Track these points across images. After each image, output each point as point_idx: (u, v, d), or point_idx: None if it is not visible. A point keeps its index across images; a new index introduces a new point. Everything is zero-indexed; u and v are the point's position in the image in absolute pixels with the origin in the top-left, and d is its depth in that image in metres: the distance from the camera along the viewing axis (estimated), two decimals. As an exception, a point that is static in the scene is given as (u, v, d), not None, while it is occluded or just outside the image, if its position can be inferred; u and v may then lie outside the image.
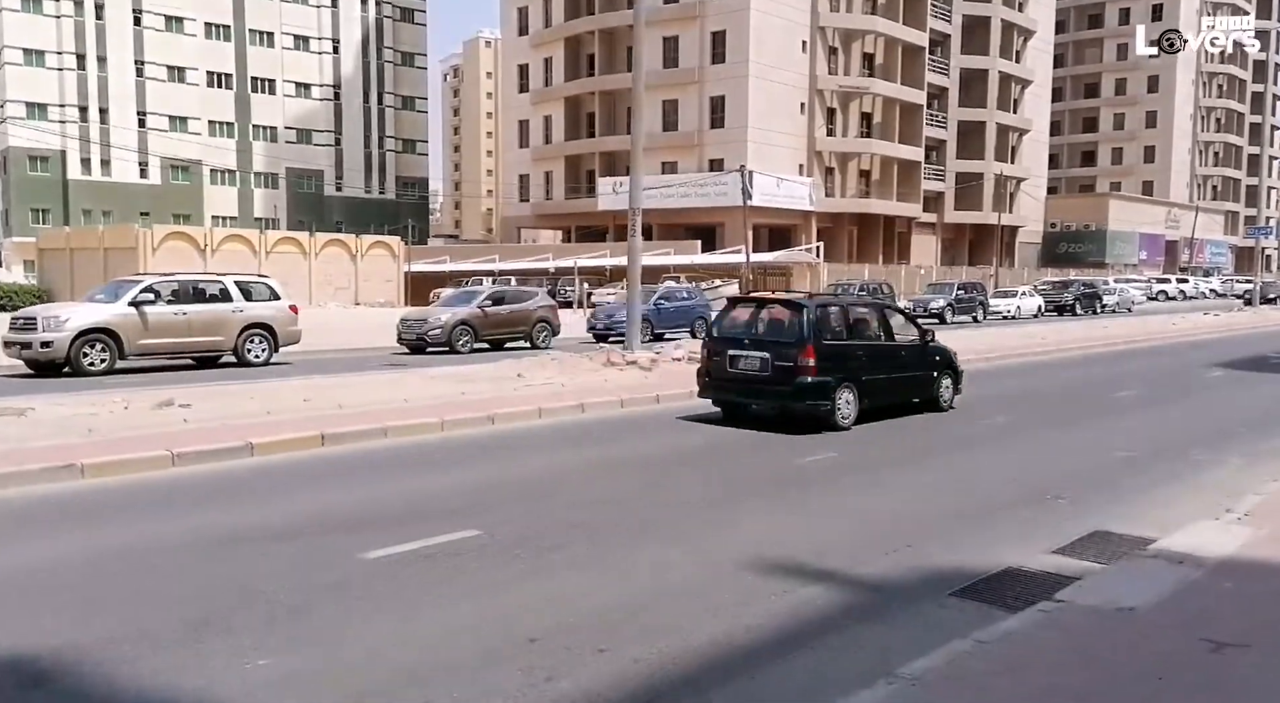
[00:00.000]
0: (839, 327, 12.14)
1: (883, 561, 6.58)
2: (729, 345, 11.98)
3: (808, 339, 11.36)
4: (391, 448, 9.92)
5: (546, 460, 9.82)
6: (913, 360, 13.09)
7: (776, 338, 11.75)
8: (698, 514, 7.73)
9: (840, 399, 11.50)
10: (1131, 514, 8.10)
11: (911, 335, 13.33)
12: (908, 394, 13.01)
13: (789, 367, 11.31)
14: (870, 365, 12.20)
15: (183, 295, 18.34)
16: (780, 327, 11.96)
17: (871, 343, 12.56)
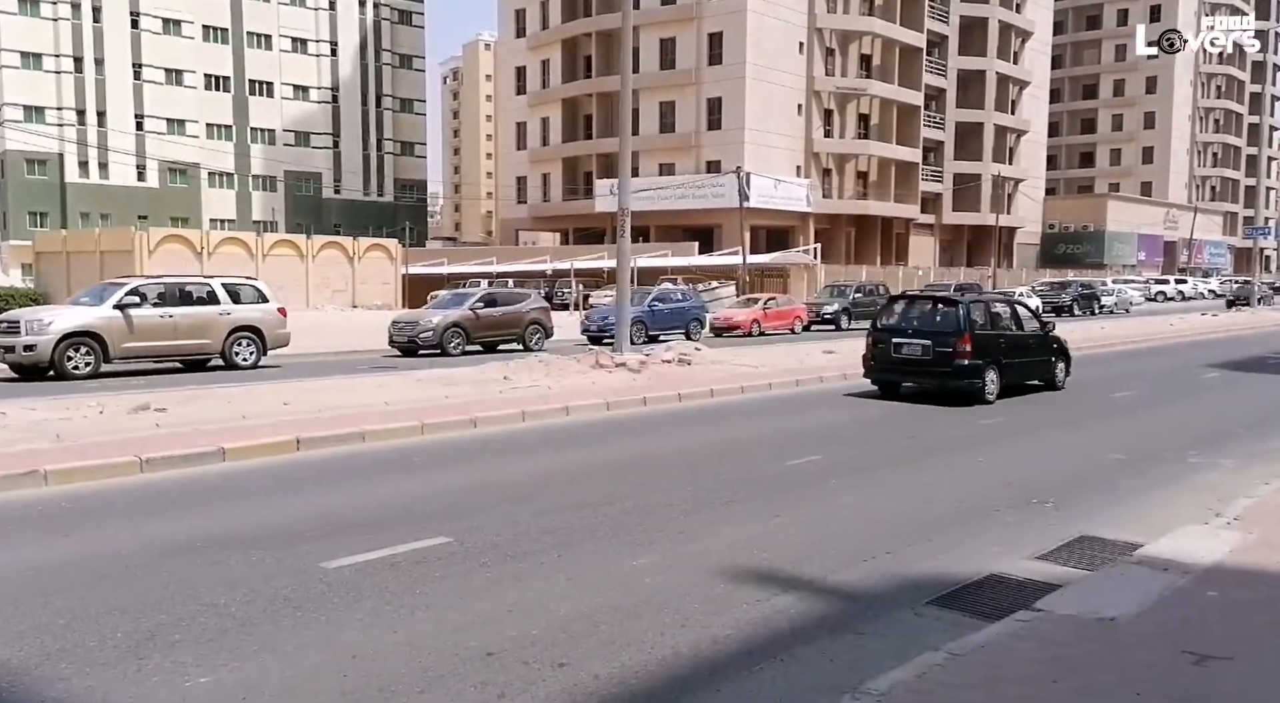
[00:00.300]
0: (984, 319, 14.65)
1: (860, 566, 6.41)
2: (893, 335, 14.69)
3: (965, 330, 13.96)
4: (369, 452, 9.74)
5: (526, 465, 9.65)
6: (1036, 347, 15.65)
7: (937, 328, 14.33)
8: (676, 520, 7.56)
9: (987, 378, 14.07)
10: (1120, 518, 7.94)
11: (1035, 327, 15.95)
12: (1033, 375, 15.64)
13: (948, 352, 13.89)
14: (1007, 351, 14.70)
15: (169, 298, 18.19)
16: (939, 319, 14.58)
17: (1008, 332, 15.08)
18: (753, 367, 17.27)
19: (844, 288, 37.94)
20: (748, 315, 31.69)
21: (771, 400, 14.66)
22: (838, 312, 34.91)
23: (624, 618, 5.40)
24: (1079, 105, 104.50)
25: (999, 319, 15.15)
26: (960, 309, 14.38)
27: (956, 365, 13.86)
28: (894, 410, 13.85)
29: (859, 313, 35.96)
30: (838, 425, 12.62)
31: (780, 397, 15.06)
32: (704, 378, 15.71)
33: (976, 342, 13.90)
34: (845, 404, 14.51)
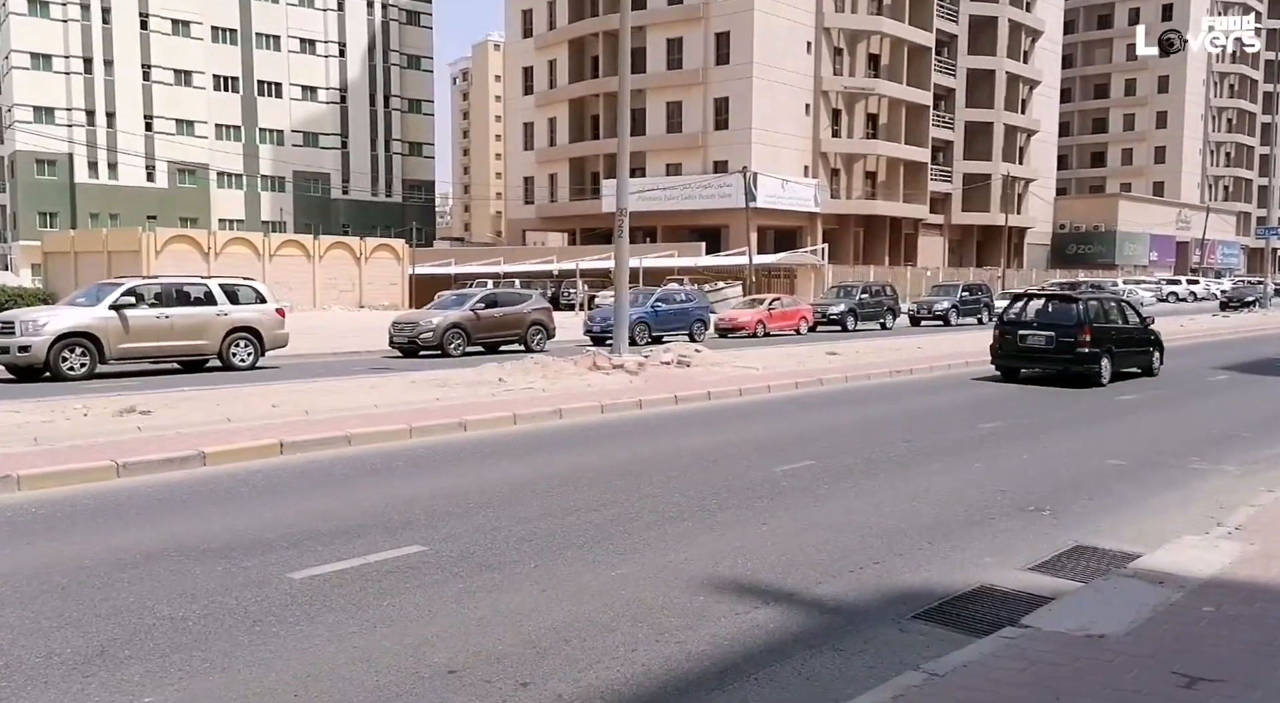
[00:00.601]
0: (1097, 314, 16.99)
1: (846, 577, 6.22)
2: (1018, 327, 17.28)
3: (1085, 323, 16.42)
4: (353, 457, 9.58)
5: (513, 469, 9.47)
6: (1138, 338, 18.04)
7: (1059, 322, 16.82)
8: (661, 528, 7.37)
9: (1102, 364, 16.46)
10: (1118, 527, 7.73)
11: (1136, 321, 18.25)
12: (1136, 363, 17.97)
13: (1070, 341, 16.34)
14: (1116, 341, 17.12)
15: (165, 299, 18.09)
16: (1061, 313, 17.07)
17: (1117, 325, 17.48)
18: (752, 369, 17.06)
19: (850, 289, 37.67)
20: (752, 316, 31.47)
21: (769, 403, 14.46)
22: (844, 313, 34.65)
23: (597, 632, 5.23)
24: (1090, 104, 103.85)
25: (1110, 314, 17.55)
26: (1080, 305, 16.87)
27: (1078, 353, 16.29)
28: (895, 410, 13.67)
29: (865, 314, 35.77)
30: (836, 428, 12.42)
31: (778, 400, 14.85)
32: (702, 380, 15.51)
33: (1094, 333, 16.40)
34: (844, 406, 14.32)
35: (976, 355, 21.17)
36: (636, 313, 28.07)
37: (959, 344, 24.82)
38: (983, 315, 40.22)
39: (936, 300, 39.96)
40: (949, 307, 38.90)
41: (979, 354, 21.34)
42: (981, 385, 17.09)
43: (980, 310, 40.33)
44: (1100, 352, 16.45)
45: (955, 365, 19.85)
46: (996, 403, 14.74)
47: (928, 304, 39.76)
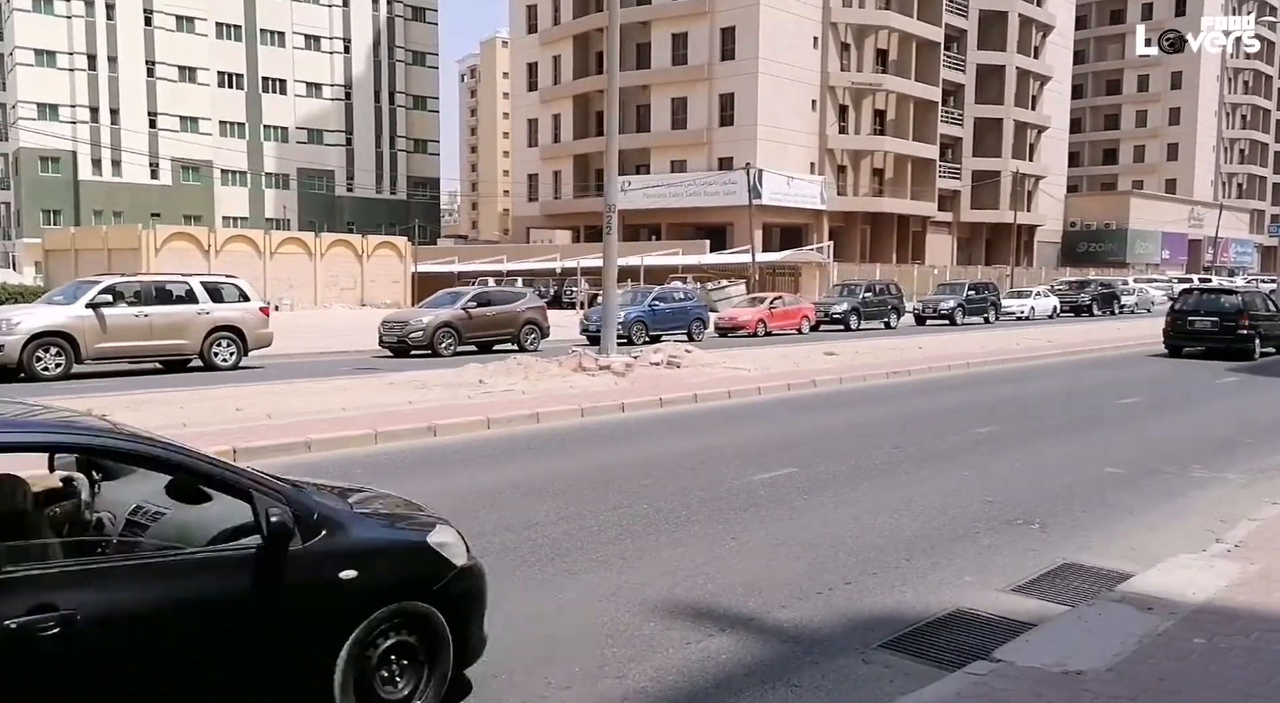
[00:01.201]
0: (1250, 305, 21.90)
1: (813, 600, 5.77)
2: (1188, 314, 22.15)
3: (1244, 311, 21.41)
4: (310, 464, 9.11)
5: (477, 478, 9.03)
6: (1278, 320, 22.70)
7: (1223, 310, 21.62)
8: (623, 543, 6.94)
9: (1254, 343, 21.23)
10: (1110, 542, 7.26)
11: (1275, 310, 22.78)
12: (1274, 343, 22.25)
13: (1232, 326, 21.21)
14: (1265, 325, 21.81)
15: (145, 297, 17.70)
16: (1225, 304, 21.89)
17: (1264, 313, 22.24)
18: (744, 370, 16.60)
19: (854, 287, 37.14)
20: (753, 315, 31.00)
21: (758, 406, 13.99)
22: (847, 311, 34.14)
23: (530, 666, 4.80)
24: (1102, 101, 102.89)
25: (1261, 303, 22.55)
26: (1240, 297, 22.29)
27: (1238, 335, 21.11)
28: (889, 413, 13.20)
29: (869, 313, 35.26)
30: (824, 433, 11.95)
31: (768, 402, 14.39)
32: (691, 381, 15.06)
33: (1250, 319, 21.33)
34: (836, 409, 13.86)
35: (978, 356, 20.68)
36: (634, 312, 27.71)
37: (962, 344, 24.32)
38: (989, 314, 39.69)
39: (942, 299, 39.39)
40: (954, 306, 38.34)
41: (980, 355, 20.87)
42: (981, 388, 16.62)
43: (987, 309, 39.79)
44: (1254, 333, 21.25)
45: (955, 366, 19.35)
46: (991, 407, 14.25)
47: (933, 303, 39.21)
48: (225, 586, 3.51)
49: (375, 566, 3.90)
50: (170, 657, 3.39)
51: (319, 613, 3.73)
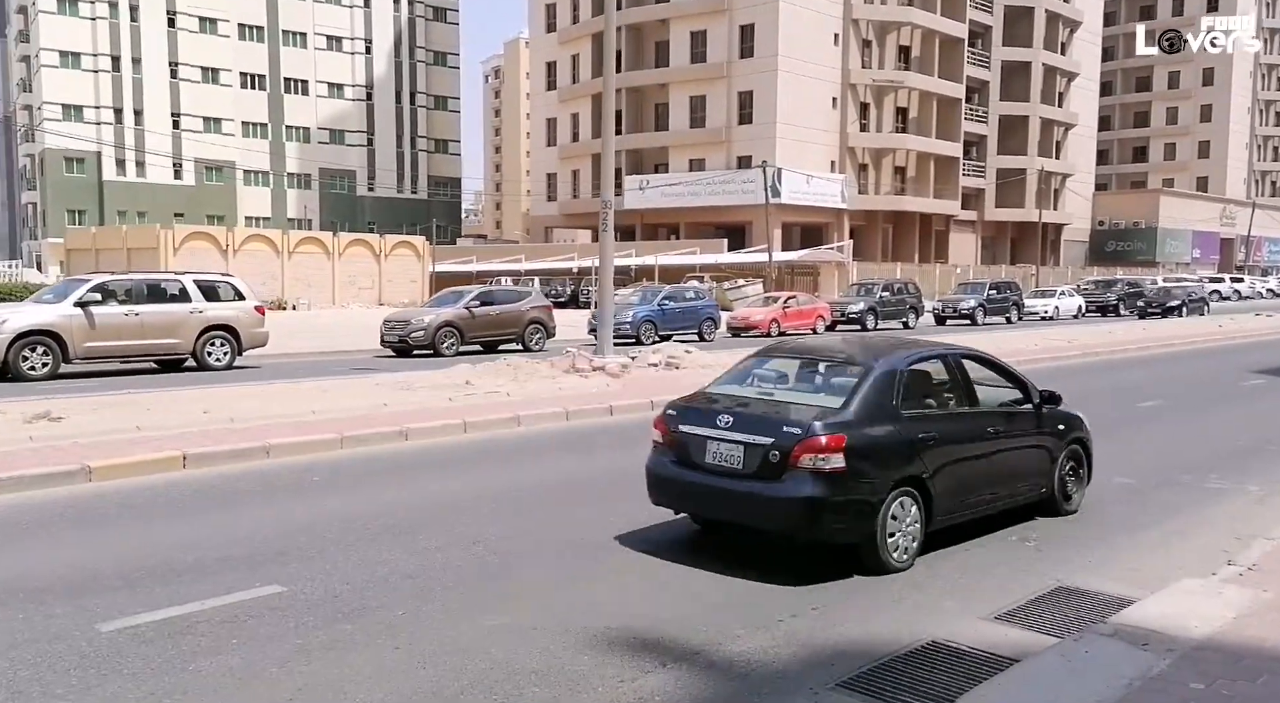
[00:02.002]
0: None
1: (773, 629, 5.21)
2: None
3: None
4: (264, 472, 8.68)
5: (439, 487, 8.53)
6: None
7: None
8: (574, 562, 6.42)
9: None
10: (1111, 561, 6.67)
11: None
12: None
13: None
14: None
15: (136, 295, 17.34)
16: None
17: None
18: (746, 371, 16.01)
19: (870, 286, 36.38)
20: (766, 315, 30.37)
21: (755, 410, 13.42)
22: (863, 311, 33.41)
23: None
24: (1131, 98, 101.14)
25: None
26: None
27: None
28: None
29: (886, 313, 34.52)
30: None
31: (767, 405, 13.81)
32: (686, 384, 14.43)
33: None
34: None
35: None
36: (643, 311, 27.21)
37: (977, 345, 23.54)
38: (1011, 314, 38.82)
39: (962, 299, 38.55)
40: (975, 305, 37.50)
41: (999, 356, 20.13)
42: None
43: (1009, 309, 38.92)
44: None
45: (968, 368, 18.65)
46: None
47: (953, 303, 38.39)
48: (1024, 424, 7.45)
49: (1064, 423, 7.82)
50: (1014, 455, 7.30)
51: (1051, 442, 7.62)
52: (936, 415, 6.84)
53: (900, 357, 6.79)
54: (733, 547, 6.80)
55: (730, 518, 6.56)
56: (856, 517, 6.06)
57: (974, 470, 6.85)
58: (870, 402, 6.27)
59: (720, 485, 6.23)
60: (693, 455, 6.38)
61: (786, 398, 6.65)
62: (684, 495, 6.64)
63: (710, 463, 6.27)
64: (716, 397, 6.81)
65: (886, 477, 6.15)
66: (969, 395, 7.16)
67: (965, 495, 6.79)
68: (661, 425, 6.70)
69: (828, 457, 5.89)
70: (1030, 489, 7.47)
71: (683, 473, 6.44)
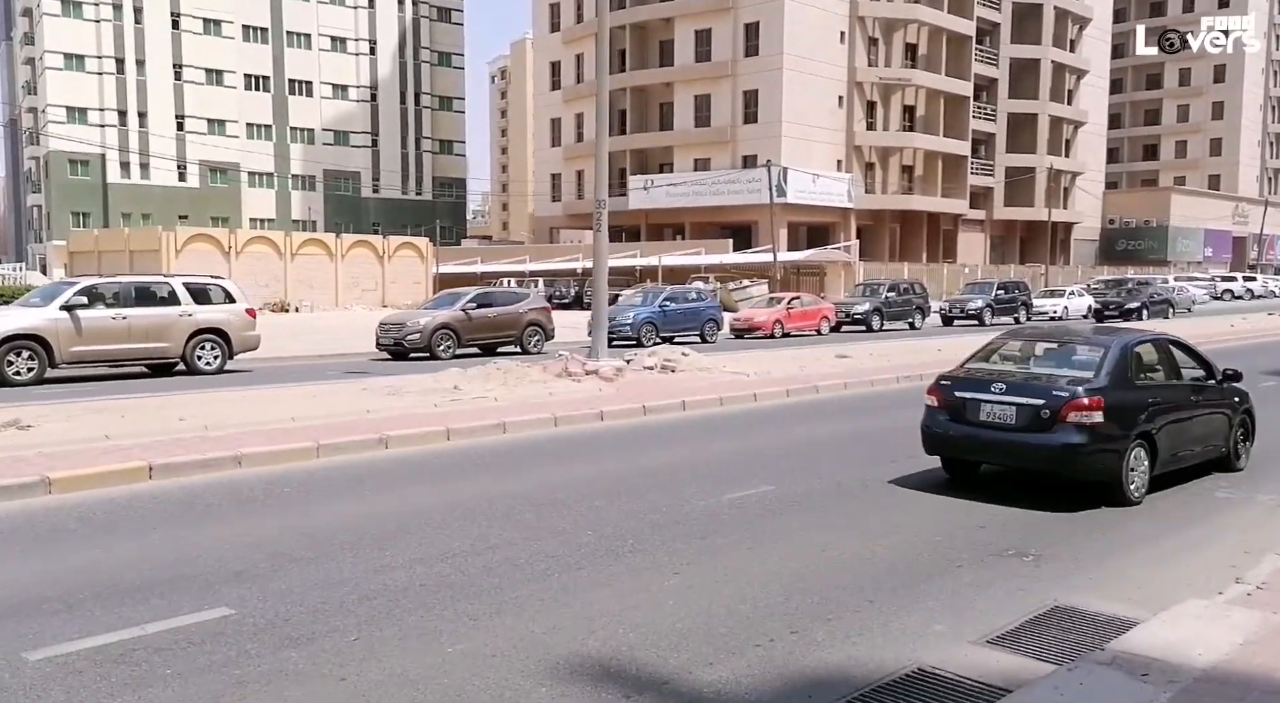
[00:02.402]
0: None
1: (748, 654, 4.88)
2: None
3: None
4: (233, 482, 8.37)
5: (414, 498, 8.20)
6: None
7: None
8: (546, 579, 6.09)
9: None
10: (1114, 578, 6.32)
11: None
12: None
13: None
14: None
15: (124, 298, 17.08)
16: None
17: None
18: (743, 375, 15.69)
19: (876, 286, 35.99)
20: (769, 316, 30.03)
21: (750, 414, 13.08)
22: (868, 312, 33.03)
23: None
24: (1142, 96, 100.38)
25: None
26: None
27: None
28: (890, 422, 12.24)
29: (892, 313, 34.14)
30: (814, 445, 11.03)
31: (763, 410, 13.47)
32: (682, 388, 14.18)
33: None
34: (834, 418, 12.92)
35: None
36: (643, 313, 26.92)
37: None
38: (1020, 314, 38.34)
39: (970, 299, 38.12)
40: (983, 305, 37.05)
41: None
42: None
43: (1017, 309, 38.46)
44: None
45: (972, 370, 18.27)
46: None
47: (960, 303, 37.96)
48: (1212, 396, 9.04)
49: (1238, 396, 9.43)
50: (1205, 420, 8.97)
51: (1229, 411, 9.23)
52: (1157, 385, 8.72)
53: (1128, 338, 8.74)
54: (700, 574, 6.48)
55: (1001, 462, 8.73)
56: (1107, 460, 7.95)
57: (1181, 429, 8.64)
58: (1115, 373, 8.18)
59: (994, 437, 8.25)
60: (967, 415, 8.36)
61: (1043, 371, 8.65)
62: (958, 446, 8.65)
63: (984, 420, 8.26)
64: (978, 371, 8.85)
65: (1128, 431, 8.02)
66: (1175, 371, 8.99)
67: (1176, 449, 8.59)
68: (937, 393, 8.70)
69: (1090, 414, 7.82)
70: (1214, 449, 9.21)
71: (958, 428, 8.46)
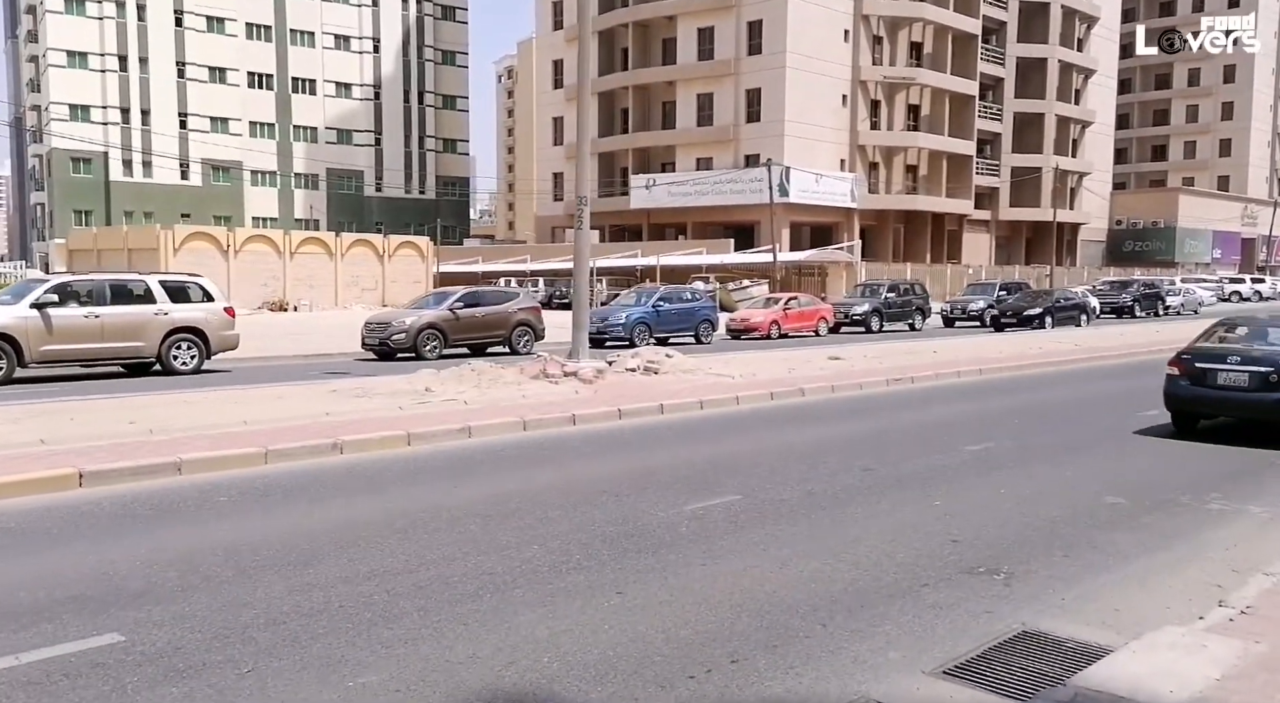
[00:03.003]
0: None
1: (679, 688, 4.45)
2: None
3: None
4: (168, 491, 7.96)
5: (355, 510, 7.74)
6: None
7: None
8: (475, 600, 5.67)
9: None
10: (1087, 600, 5.85)
11: None
12: None
13: None
14: None
15: (97, 297, 16.74)
16: None
17: None
18: (728, 376, 15.26)
19: (876, 287, 35.51)
20: (765, 317, 29.58)
21: (729, 418, 12.64)
22: (868, 313, 32.56)
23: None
24: (1150, 96, 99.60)
25: None
26: None
27: None
28: (874, 426, 11.81)
29: (891, 314, 33.67)
30: (789, 451, 10.58)
31: (743, 414, 13.03)
32: (662, 390, 13.76)
33: None
34: (816, 422, 12.48)
35: (994, 361, 19.14)
36: (636, 313, 26.53)
37: (980, 348, 22.73)
38: (1022, 315, 37.80)
39: (971, 300, 37.64)
40: (984, 306, 36.55)
41: (997, 360, 19.33)
42: (987, 397, 15.12)
43: (1020, 310, 37.89)
44: None
45: (966, 373, 17.83)
46: (992, 420, 12.79)
47: (961, 304, 37.48)
48: None
49: None
50: None
51: None
52: None
53: None
54: (645, 593, 6.04)
55: (1234, 415, 11.22)
56: None
57: None
58: None
59: (1229, 396, 10.78)
60: (1206, 380, 10.86)
61: (1260, 346, 10.92)
62: (1198, 403, 11.19)
63: (1221, 384, 10.76)
64: (1209, 348, 11.38)
65: None
66: None
67: None
68: (1179, 365, 11.23)
69: None
70: None
71: (1197, 390, 11.03)
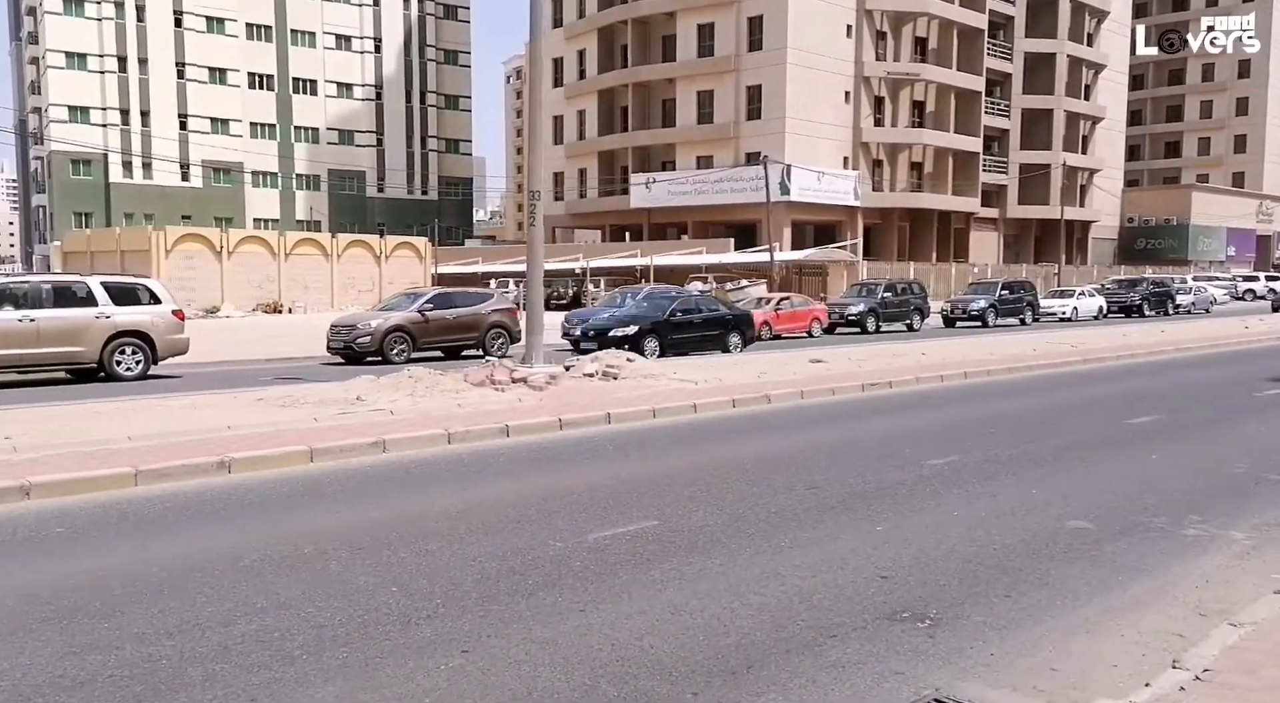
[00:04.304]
0: None
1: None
2: None
3: None
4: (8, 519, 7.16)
5: (196, 543, 6.89)
6: None
7: None
8: (329, 652, 4.82)
9: None
10: (1019, 657, 4.93)
11: None
12: None
13: None
14: None
15: (34, 300, 15.99)
16: None
17: None
18: (689, 383, 14.37)
19: (873, 286, 34.53)
20: (757, 318, 28.56)
21: (679, 428, 11.74)
22: (863, 313, 31.61)
23: None
24: (1163, 91, 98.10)
25: None
26: None
27: None
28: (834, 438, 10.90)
29: (888, 314, 32.72)
30: (729, 467, 9.67)
31: (697, 422, 12.14)
32: (615, 398, 12.87)
33: None
34: (773, 433, 11.58)
35: (984, 364, 18.17)
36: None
37: (973, 350, 21.72)
38: (1025, 315, 36.87)
39: (972, 299, 36.61)
40: (985, 306, 35.55)
41: (987, 363, 18.36)
42: (966, 404, 14.18)
43: (1022, 310, 36.98)
44: None
45: (951, 377, 16.88)
46: (963, 429, 11.86)
47: (962, 303, 36.46)
48: None
49: None
50: None
51: None
52: None
53: None
54: (496, 652, 5.17)
55: None
56: None
57: None
58: None
59: None
60: None
61: None
62: None
63: None
64: None
65: None
66: None
67: None
68: None
69: None
70: None
71: None
